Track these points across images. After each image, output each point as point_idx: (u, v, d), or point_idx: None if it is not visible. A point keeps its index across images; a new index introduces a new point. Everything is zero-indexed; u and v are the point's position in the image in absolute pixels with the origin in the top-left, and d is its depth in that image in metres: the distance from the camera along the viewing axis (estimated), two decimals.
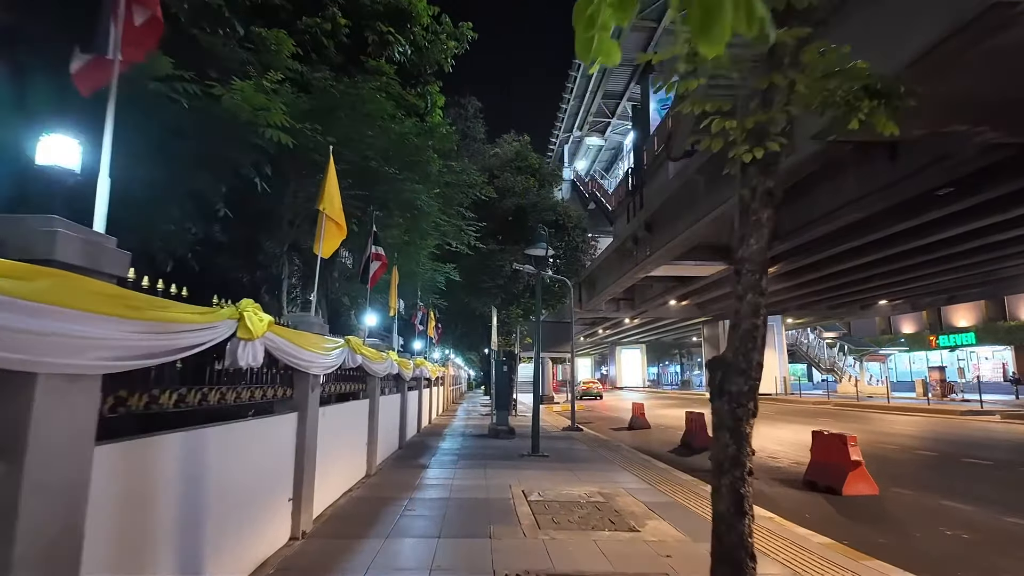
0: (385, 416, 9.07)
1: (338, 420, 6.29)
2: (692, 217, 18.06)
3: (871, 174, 14.62)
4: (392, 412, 10.07)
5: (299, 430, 4.75)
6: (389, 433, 9.58)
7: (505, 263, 20.00)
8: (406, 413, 11.23)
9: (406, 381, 11.13)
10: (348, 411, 6.83)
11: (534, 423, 9.88)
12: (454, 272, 13.34)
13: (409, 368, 11.12)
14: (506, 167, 20.22)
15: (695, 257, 22.04)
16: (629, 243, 24.57)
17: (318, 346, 4.89)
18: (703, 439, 13.71)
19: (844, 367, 51.28)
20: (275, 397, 4.48)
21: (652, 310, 36.36)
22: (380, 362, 7.74)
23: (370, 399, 7.80)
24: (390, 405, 9.76)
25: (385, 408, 9.08)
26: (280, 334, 3.84)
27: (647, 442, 14.71)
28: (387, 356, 8.70)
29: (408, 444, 11.36)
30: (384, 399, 9.14)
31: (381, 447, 8.67)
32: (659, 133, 21.66)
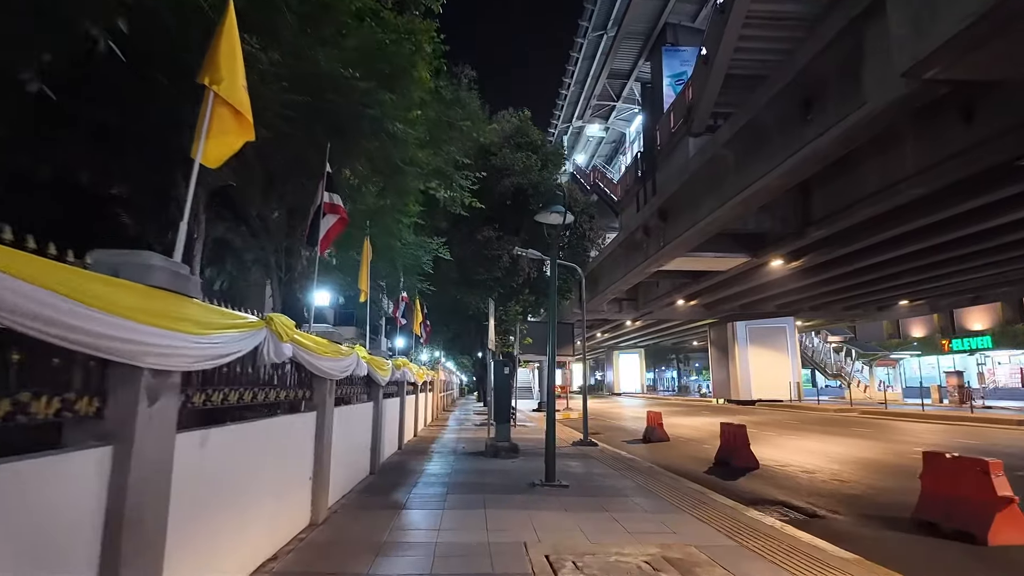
0: (346, 434, 6.62)
1: (247, 446, 3.86)
2: (717, 199, 15.78)
3: (938, 142, 12.36)
4: (359, 427, 7.62)
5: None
6: (354, 456, 7.13)
7: (503, 252, 17.63)
8: (381, 427, 8.78)
9: (382, 386, 8.68)
10: (271, 432, 4.39)
11: (548, 439, 7.45)
12: (443, 249, 10.93)
13: (386, 369, 8.68)
14: (504, 144, 17.89)
15: (715, 248, 19.76)
16: (639, 234, 22.26)
17: (178, 321, 2.49)
18: (746, 456, 11.45)
19: (852, 372, 49.28)
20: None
21: (657, 311, 34.08)
22: (333, 358, 5.31)
23: (317, 412, 5.36)
24: (355, 418, 7.31)
25: (346, 423, 6.64)
26: None
27: (673, 459, 12.36)
28: (349, 351, 6.27)
29: (384, 468, 8.89)
30: (346, 411, 6.70)
31: (339, 478, 6.22)
32: (676, 108, 19.40)
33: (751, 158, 13.99)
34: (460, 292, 19.31)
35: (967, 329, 44.13)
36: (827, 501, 8.04)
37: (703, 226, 16.99)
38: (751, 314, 35.18)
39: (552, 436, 7.37)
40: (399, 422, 11.31)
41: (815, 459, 12.18)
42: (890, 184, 13.92)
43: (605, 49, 26.53)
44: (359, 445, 7.50)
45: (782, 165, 12.65)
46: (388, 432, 9.84)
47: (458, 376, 47.35)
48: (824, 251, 19.06)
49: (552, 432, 7.42)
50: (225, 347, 3.14)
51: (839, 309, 35.21)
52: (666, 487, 7.73)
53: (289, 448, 4.69)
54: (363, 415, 7.82)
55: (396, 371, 10.08)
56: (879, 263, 21.16)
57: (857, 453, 13.05)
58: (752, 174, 13.92)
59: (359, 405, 7.71)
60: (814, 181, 16.27)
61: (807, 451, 13.48)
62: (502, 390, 10.99)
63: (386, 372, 8.69)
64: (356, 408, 7.41)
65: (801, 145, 12.06)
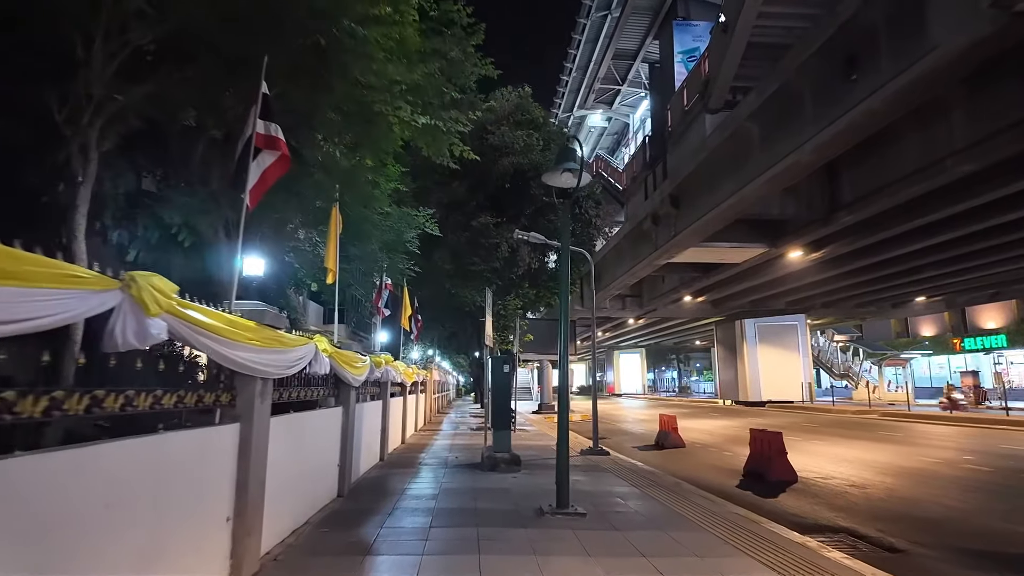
0: (296, 450, 5.07)
1: (83, 487, 2.29)
2: (738, 180, 14.23)
3: (993, 109, 10.83)
4: (320, 440, 6.04)
5: None
6: (310, 479, 5.55)
7: (501, 241, 16.07)
8: (355, 437, 7.21)
9: (354, 387, 7.11)
10: (147, 459, 2.81)
11: (561, 454, 5.88)
12: (432, 224, 9.34)
13: (359, 367, 7.11)
14: (502, 121, 16.32)
15: (731, 237, 18.21)
16: (647, 224, 20.69)
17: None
18: (782, 468, 9.98)
19: (860, 372, 47.86)
20: None
21: (662, 308, 32.53)
22: (262, 348, 3.74)
23: (241, 423, 3.79)
24: (313, 429, 5.75)
25: (297, 436, 5.09)
26: None
27: (694, 469, 10.88)
28: (299, 341, 4.72)
29: (358, 488, 7.31)
30: (295, 420, 5.15)
31: (286, 510, 4.67)
32: (690, 84, 17.87)
33: (780, 131, 12.45)
34: (454, 285, 17.75)
35: (979, 327, 42.67)
36: (900, 527, 6.55)
37: (721, 211, 15.44)
38: (760, 311, 33.67)
39: (565, 450, 5.80)
40: (381, 429, 9.74)
41: (857, 469, 10.68)
42: (934, 161, 12.39)
43: (609, 30, 24.95)
44: (319, 464, 5.92)
45: (818, 136, 11.11)
46: (366, 442, 8.27)
47: (454, 376, 45.75)
48: (848, 240, 17.53)
49: (565, 445, 5.86)
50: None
51: (852, 306, 33.73)
52: (705, 512, 6.18)
53: (184, 480, 3.12)
54: (326, 424, 6.24)
55: (376, 370, 8.52)
56: (905, 255, 19.63)
57: (901, 462, 11.55)
58: (781, 149, 12.38)
59: (320, 412, 6.14)
60: (842, 161, 14.75)
61: (843, 459, 11.98)
62: (501, 391, 9.44)
63: (360, 370, 7.12)
64: (313, 417, 5.84)
65: (843, 111, 10.52)
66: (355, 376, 6.79)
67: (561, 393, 6.06)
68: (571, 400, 29.86)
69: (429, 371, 19.30)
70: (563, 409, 6.02)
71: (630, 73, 27.84)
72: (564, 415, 6.00)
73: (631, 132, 34.22)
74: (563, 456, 5.79)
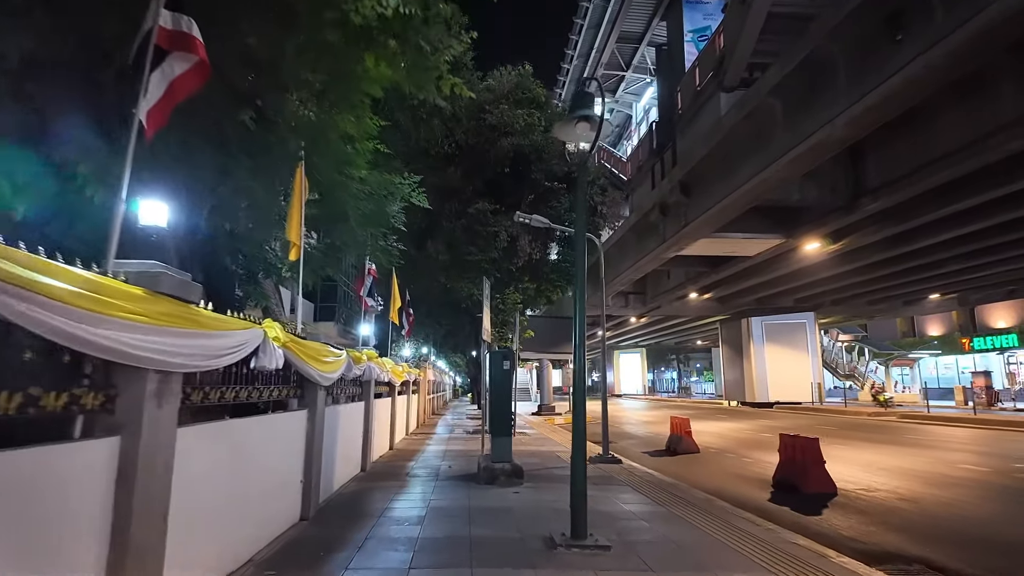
0: (231, 472, 3.85)
1: None
2: (758, 162, 13.06)
3: None
4: (274, 455, 4.81)
5: None
6: (253, 508, 4.32)
7: (500, 229, 14.86)
8: (324, 448, 5.99)
9: (322, 386, 5.89)
10: None
11: (576, 469, 4.64)
12: (420, 196, 8.09)
13: (332, 362, 5.91)
14: (501, 100, 15.13)
15: (746, 227, 17.04)
16: (654, 214, 19.52)
17: None
18: (819, 478, 8.82)
19: (866, 372, 46.75)
20: None
21: (666, 305, 31.37)
22: (165, 329, 2.53)
23: (123, 437, 2.56)
24: (260, 441, 4.52)
25: (234, 449, 3.87)
26: None
27: (716, 479, 9.71)
28: (234, 323, 3.52)
29: (328, 508, 6.08)
30: (227, 429, 3.93)
31: (204, 556, 3.44)
32: (703, 62, 16.70)
33: (807, 105, 11.29)
34: (450, 278, 16.53)
35: (989, 327, 41.63)
36: (980, 555, 5.37)
37: (738, 197, 14.27)
38: (767, 309, 32.53)
39: (582, 466, 4.57)
40: (363, 435, 8.51)
41: (898, 479, 9.51)
42: (976, 139, 11.26)
43: (613, 13, 23.74)
44: (273, 483, 4.69)
45: (853, 108, 9.94)
46: (342, 452, 7.05)
47: (451, 376, 44.50)
48: (872, 230, 16.38)
49: (582, 459, 4.63)
50: None
51: (862, 304, 32.64)
52: (755, 542, 4.97)
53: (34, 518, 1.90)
54: (282, 432, 5.01)
55: (354, 366, 7.30)
56: (929, 247, 18.51)
57: (943, 469, 10.39)
58: (808, 125, 11.20)
59: (272, 418, 4.92)
60: (869, 143, 13.62)
61: (877, 467, 10.79)
62: (500, 391, 8.21)
63: (331, 366, 5.90)
64: (262, 424, 4.62)
65: (883, 78, 9.35)
66: (323, 373, 5.57)
67: (577, 392, 4.84)
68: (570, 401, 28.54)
69: (422, 370, 18.06)
70: (579, 413, 4.80)
71: (635, 58, 26.61)
72: (581, 420, 4.78)
73: (634, 123, 33.01)
74: (580, 473, 4.56)
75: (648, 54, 25.86)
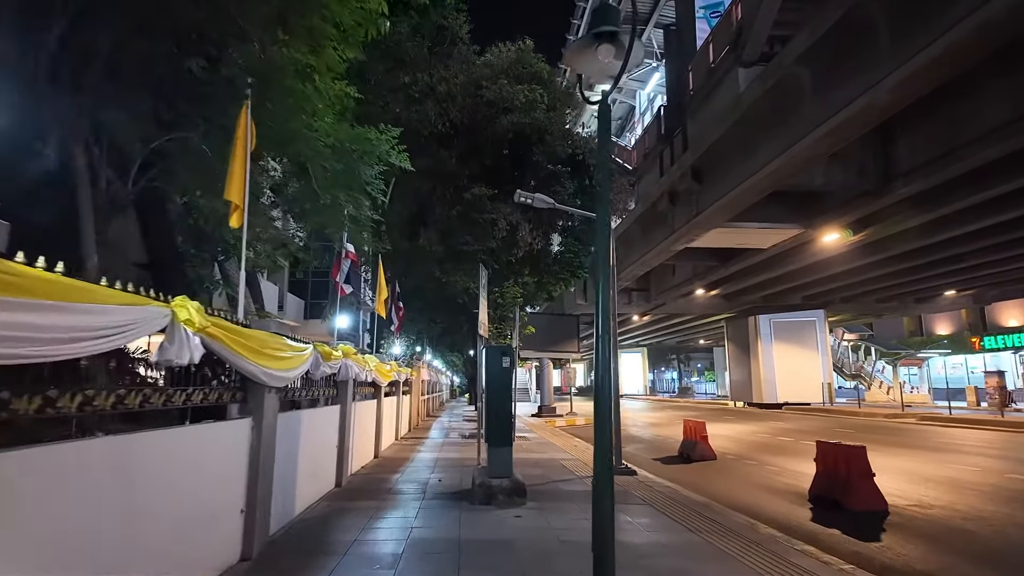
0: (119, 507, 2.61)
1: None
2: (784, 140, 11.87)
3: None
4: (195, 478, 3.58)
5: None
6: (161, 549, 3.07)
7: (498, 217, 13.65)
8: (277, 465, 4.77)
9: (271, 389, 4.67)
10: None
11: (601, 502, 3.39)
12: (402, 156, 6.82)
13: (288, 358, 4.71)
14: (500, 76, 13.91)
15: (762, 216, 15.84)
16: (662, 204, 18.32)
17: None
18: (868, 493, 7.66)
19: (873, 372, 45.65)
20: None
21: (671, 303, 30.18)
22: None
23: None
24: (170, 460, 3.28)
25: (120, 479, 2.64)
26: None
27: (741, 492, 8.58)
28: (97, 292, 2.29)
29: (280, 542, 4.86)
30: (108, 448, 2.70)
31: None
32: (718, 37, 15.52)
33: (842, 72, 10.09)
34: (445, 271, 15.31)
35: (1000, 325, 40.54)
36: None
37: (757, 180, 13.07)
38: (774, 307, 31.34)
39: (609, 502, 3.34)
40: (338, 444, 7.29)
41: (951, 493, 8.36)
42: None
43: None
44: (187, 517, 3.46)
45: (902, 69, 8.72)
46: (306, 467, 5.82)
47: (448, 376, 43.29)
48: (899, 218, 15.19)
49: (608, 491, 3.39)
50: None
51: (872, 301, 31.48)
52: None
53: None
54: (208, 450, 3.78)
55: (325, 363, 6.08)
56: (955, 238, 17.35)
57: (995, 481, 9.25)
58: (843, 94, 10.00)
59: (190, 430, 3.69)
60: (898, 123, 12.45)
61: (919, 476, 9.59)
62: (499, 392, 6.98)
63: (286, 363, 4.68)
64: (173, 438, 3.38)
65: (945, 28, 8.12)
66: (272, 371, 4.35)
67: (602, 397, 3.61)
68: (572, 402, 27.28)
69: (415, 369, 16.84)
70: (603, 427, 3.56)
71: (642, 38, 25.33)
72: (605, 438, 3.55)
73: (637, 114, 31.79)
74: (606, 513, 3.33)
75: (655, 37, 24.63)
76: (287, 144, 4.92)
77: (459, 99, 13.40)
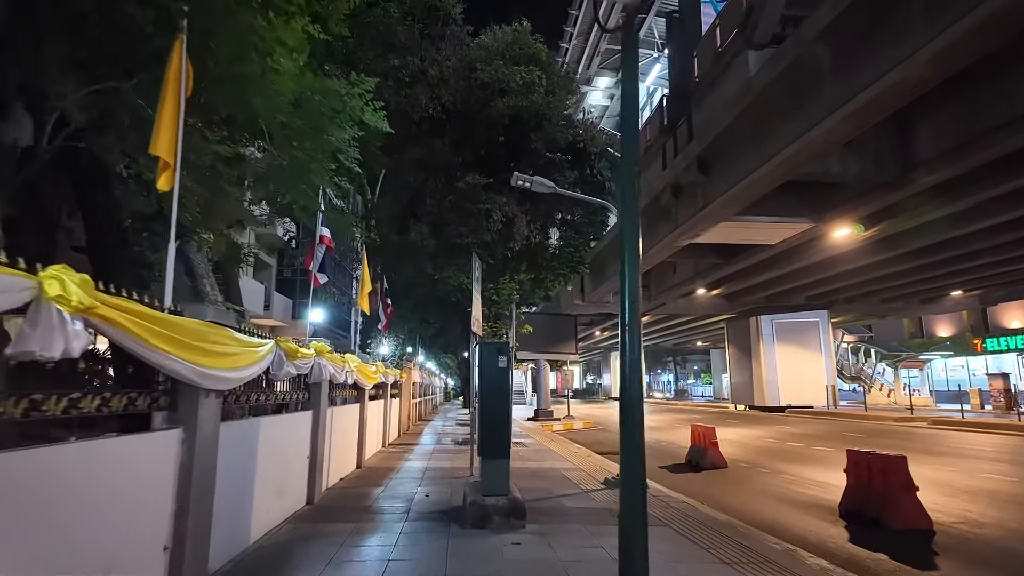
0: None
1: None
2: (800, 124, 11.05)
3: None
4: (95, 514, 2.64)
5: None
6: None
7: (493, 208, 12.79)
8: (213, 490, 3.86)
9: (210, 392, 3.76)
10: None
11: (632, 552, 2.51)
12: (379, 116, 5.84)
13: (235, 354, 3.80)
14: (495, 57, 13.05)
15: (772, 209, 15.04)
16: (665, 197, 17.51)
17: None
18: (911, 510, 6.91)
19: (873, 374, 44.99)
20: None
21: (671, 303, 29.37)
22: None
23: None
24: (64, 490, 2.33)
25: None
26: None
27: (760, 505, 7.83)
28: None
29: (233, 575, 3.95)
30: None
31: None
32: (725, 19, 14.73)
33: (868, 47, 9.27)
34: (436, 266, 14.41)
35: (1002, 327, 39.98)
36: None
37: (769, 170, 12.25)
38: (776, 307, 30.58)
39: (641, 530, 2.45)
40: (310, 455, 6.37)
41: (995, 508, 7.63)
42: None
43: None
44: (79, 563, 2.54)
45: (942, 37, 7.88)
46: (268, 485, 4.91)
47: (441, 379, 42.31)
48: (919, 211, 14.41)
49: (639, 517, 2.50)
50: None
51: (877, 301, 30.78)
52: None
53: None
54: (123, 474, 2.86)
55: (289, 362, 5.17)
56: (973, 233, 16.62)
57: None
58: (871, 71, 9.17)
59: (92, 447, 2.77)
60: (917, 110, 11.68)
61: (954, 488, 8.76)
62: (493, 395, 6.08)
63: (231, 360, 3.78)
64: (54, 458, 2.46)
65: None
66: (212, 370, 3.45)
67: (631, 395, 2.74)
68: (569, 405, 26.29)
69: (405, 371, 15.91)
70: (632, 437, 2.69)
71: (641, 31, 24.49)
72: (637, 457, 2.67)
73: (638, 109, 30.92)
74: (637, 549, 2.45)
75: (656, 26, 23.84)
76: (231, 84, 3.98)
77: (451, 82, 12.55)
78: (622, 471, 2.79)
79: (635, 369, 2.81)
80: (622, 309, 2.93)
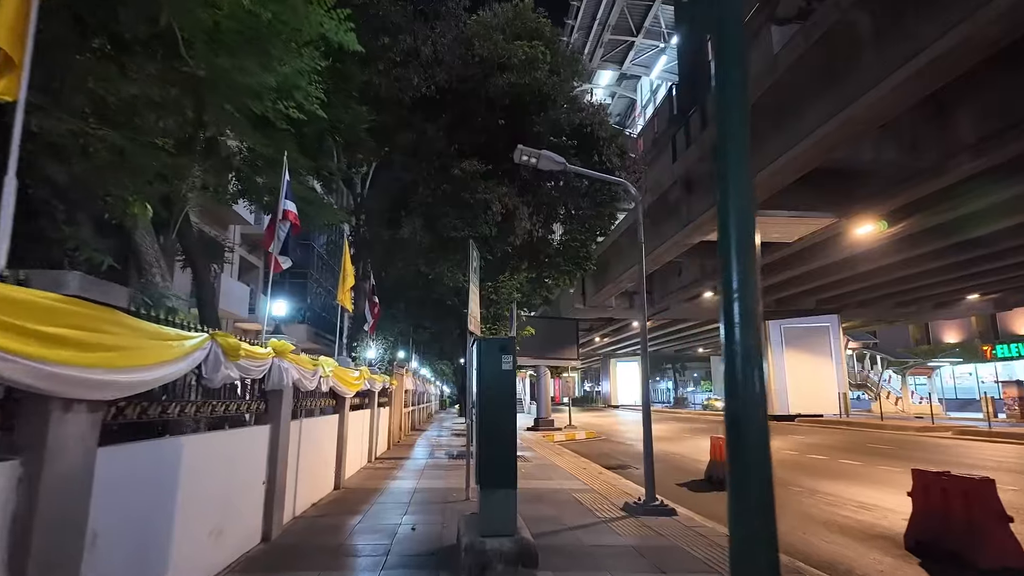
0: None
1: None
2: (832, 103, 9.94)
3: None
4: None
5: None
6: None
7: (492, 198, 11.61)
8: (93, 543, 2.62)
9: (78, 403, 2.51)
10: None
11: None
12: (344, 28, 4.50)
13: (136, 350, 2.56)
14: (494, 32, 11.91)
15: (792, 201, 13.89)
16: (674, 193, 16.40)
17: None
18: (1004, 546, 5.66)
19: (880, 382, 43.88)
20: None
21: (675, 306, 28.21)
22: None
23: None
24: None
25: None
26: None
27: (795, 528, 6.62)
28: None
29: None
30: None
31: None
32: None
33: (917, 9, 8.17)
34: (430, 262, 13.21)
35: (1012, 333, 38.99)
36: None
37: (796, 155, 11.13)
38: (786, 311, 29.44)
39: None
40: (267, 480, 5.12)
41: None
42: None
43: None
44: None
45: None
46: (195, 527, 3.67)
47: (437, 386, 40.98)
48: (955, 203, 13.28)
49: None
50: None
51: (890, 305, 29.69)
52: None
53: None
54: None
55: (227, 364, 3.94)
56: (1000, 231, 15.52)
57: None
58: (920, 36, 8.07)
59: None
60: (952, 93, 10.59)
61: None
62: (495, 405, 4.83)
63: (126, 358, 2.55)
64: None
65: None
66: (72, 370, 2.22)
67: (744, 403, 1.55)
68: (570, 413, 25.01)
69: (395, 377, 14.65)
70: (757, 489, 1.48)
71: (647, 20, 23.47)
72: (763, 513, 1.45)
73: (639, 107, 29.97)
74: None
75: (663, 15, 22.80)
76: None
77: (446, 59, 11.43)
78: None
79: (751, 357, 1.63)
80: (724, 248, 1.74)
